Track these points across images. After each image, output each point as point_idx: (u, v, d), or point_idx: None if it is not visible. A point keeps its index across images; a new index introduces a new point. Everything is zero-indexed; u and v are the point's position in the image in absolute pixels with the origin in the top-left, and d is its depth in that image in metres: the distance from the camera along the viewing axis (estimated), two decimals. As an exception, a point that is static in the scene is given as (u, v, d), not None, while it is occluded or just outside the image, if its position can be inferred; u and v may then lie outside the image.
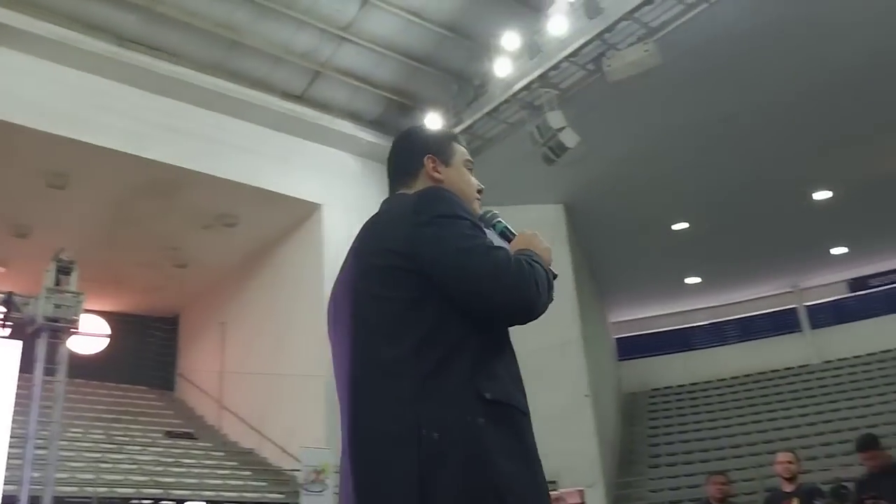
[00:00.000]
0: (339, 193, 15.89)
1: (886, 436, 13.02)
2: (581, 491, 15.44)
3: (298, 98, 15.59)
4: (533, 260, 1.91)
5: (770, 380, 22.08)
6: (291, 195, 15.53)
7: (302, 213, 16.03)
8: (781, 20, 12.62)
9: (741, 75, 13.92)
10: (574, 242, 18.15)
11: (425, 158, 2.07)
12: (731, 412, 20.85)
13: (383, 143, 16.26)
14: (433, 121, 15.50)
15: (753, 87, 14.24)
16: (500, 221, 2.27)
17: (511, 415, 1.78)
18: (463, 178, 2.11)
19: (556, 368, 16.38)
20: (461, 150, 2.18)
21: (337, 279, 1.99)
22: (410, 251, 1.73)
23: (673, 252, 20.13)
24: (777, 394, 21.12)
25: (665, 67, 12.73)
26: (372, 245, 1.81)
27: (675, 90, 14.11)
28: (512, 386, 1.85)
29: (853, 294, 23.03)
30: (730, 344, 24.16)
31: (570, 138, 13.39)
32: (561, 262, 18.23)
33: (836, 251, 21.10)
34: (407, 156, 2.13)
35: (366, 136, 16.13)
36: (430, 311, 1.71)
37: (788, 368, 22.12)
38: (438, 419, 1.61)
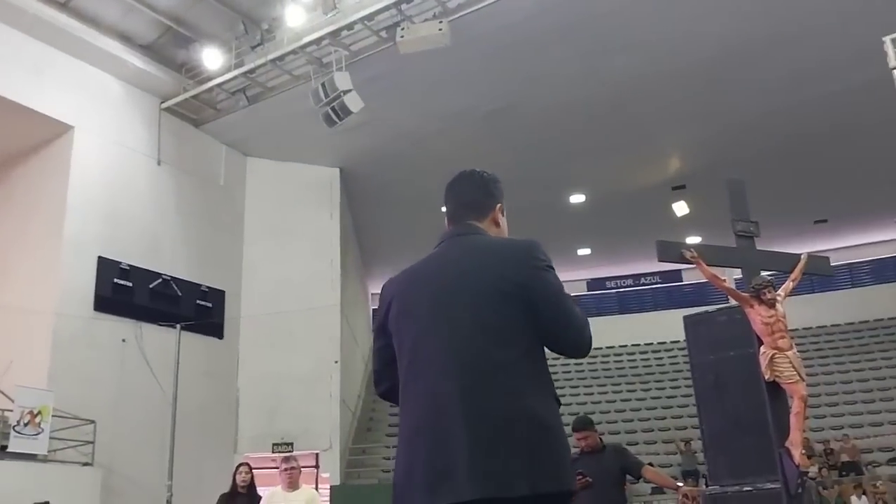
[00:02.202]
0: (96, 117, 14.47)
1: (601, 423, 14.34)
2: (316, 454, 15.48)
3: (62, 5, 13.90)
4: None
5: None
6: (40, 111, 13.78)
7: (50, 133, 14.31)
8: (568, 27, 13.31)
9: (523, 72, 14.53)
10: (345, 208, 18.04)
11: (497, 206, 2.53)
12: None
13: (152, 71, 15.06)
14: (211, 57, 14.62)
15: (532, 86, 14.93)
16: None
17: (559, 405, 2.29)
18: (506, 225, 2.58)
19: (310, 332, 16.24)
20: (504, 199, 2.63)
21: (427, 276, 2.37)
22: (528, 285, 2.23)
23: (439, 232, 20.49)
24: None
25: (454, 51, 12.96)
26: (495, 271, 2.26)
27: (460, 75, 14.42)
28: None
29: (590, 293, 25.16)
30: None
31: (354, 102, 13.23)
32: (330, 227, 18.17)
33: (581, 252, 22.85)
34: (484, 195, 2.53)
35: (134, 60, 14.81)
36: (530, 332, 2.22)
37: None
38: (538, 409, 2.16)
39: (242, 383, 15.99)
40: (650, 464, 8.56)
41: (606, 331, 21.59)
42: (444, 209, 2.52)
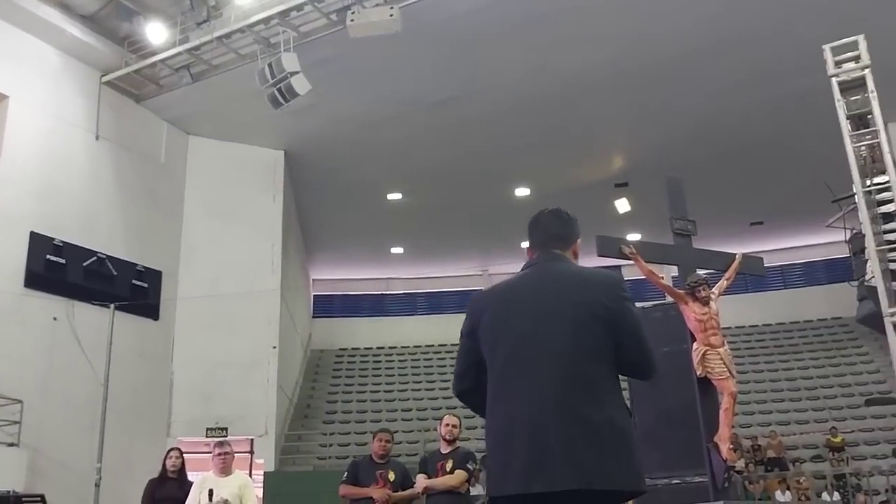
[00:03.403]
0: (32, 88, 13.96)
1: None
2: (251, 440, 15.29)
3: (-1, -32, 13.37)
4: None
5: (449, 352, 23.56)
6: (-30, 78, 13.29)
7: (-20, 102, 13.79)
8: (520, 21, 13.35)
9: (473, 63, 14.53)
10: (289, 192, 17.82)
11: (578, 240, 2.90)
12: (408, 378, 21.96)
13: (93, 43, 14.59)
14: (155, 32, 14.25)
15: (481, 78, 14.95)
16: None
17: (632, 418, 2.68)
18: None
19: (249, 316, 16.01)
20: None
21: (522, 294, 2.72)
22: (616, 311, 2.58)
23: (384, 220, 20.60)
24: (452, 365, 22.58)
25: (405, 38, 12.89)
26: (589, 296, 2.60)
27: (410, 63, 14.36)
28: None
29: (532, 285, 25.39)
30: (419, 315, 25.43)
31: (301, 84, 13.04)
32: (272, 210, 17.88)
33: (525, 244, 22.90)
34: (570, 231, 2.88)
35: (74, 30, 14.30)
36: (613, 352, 2.56)
37: (467, 344, 23.72)
38: (621, 419, 2.51)
39: (177, 366, 15.68)
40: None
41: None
42: (526, 243, 2.93)
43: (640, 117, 16.33)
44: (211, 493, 6.07)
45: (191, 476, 7.04)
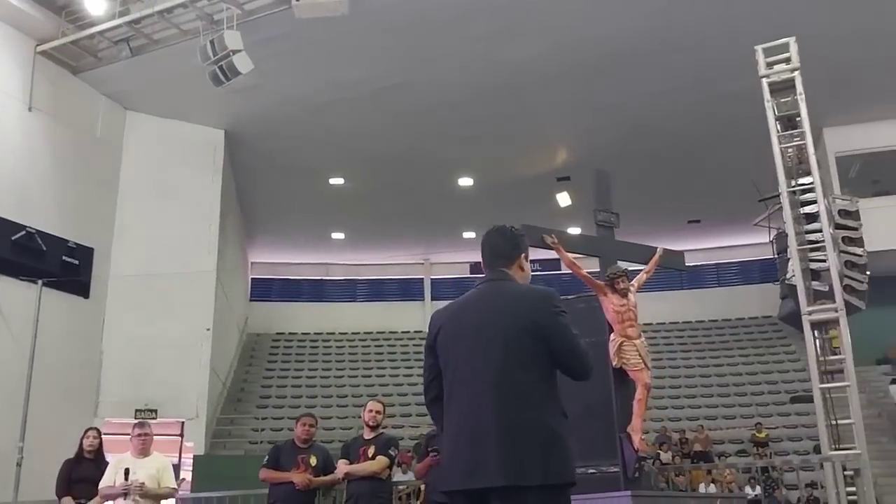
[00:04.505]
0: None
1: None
2: (182, 423, 15.08)
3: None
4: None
5: (388, 340, 23.59)
6: None
7: None
8: (468, 10, 13.33)
9: (420, 50, 14.49)
10: (229, 173, 17.55)
11: (521, 256, 3.14)
12: (345, 364, 21.90)
13: (28, 11, 14.09)
14: (95, 2, 13.86)
15: (428, 66, 14.92)
16: None
17: (566, 419, 2.91)
18: (529, 269, 3.20)
19: (183, 297, 15.75)
20: (528, 249, 3.27)
21: (468, 312, 3.03)
22: (545, 325, 2.88)
23: (325, 204, 20.44)
24: (391, 353, 22.65)
25: (352, 21, 12.78)
26: (521, 313, 2.91)
27: (357, 47, 14.22)
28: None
29: (473, 275, 25.52)
30: (360, 301, 25.35)
31: (243, 63, 12.81)
32: (211, 190, 17.54)
33: (467, 235, 23.10)
34: (512, 248, 3.14)
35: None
36: (546, 360, 2.86)
37: (405, 332, 23.79)
38: (551, 420, 2.81)
39: (107, 346, 15.33)
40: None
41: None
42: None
43: (585, 112, 16.50)
44: (127, 472, 5.97)
45: (110, 457, 6.91)
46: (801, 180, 8.39)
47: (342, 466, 6.21)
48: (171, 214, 16.01)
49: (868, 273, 8.67)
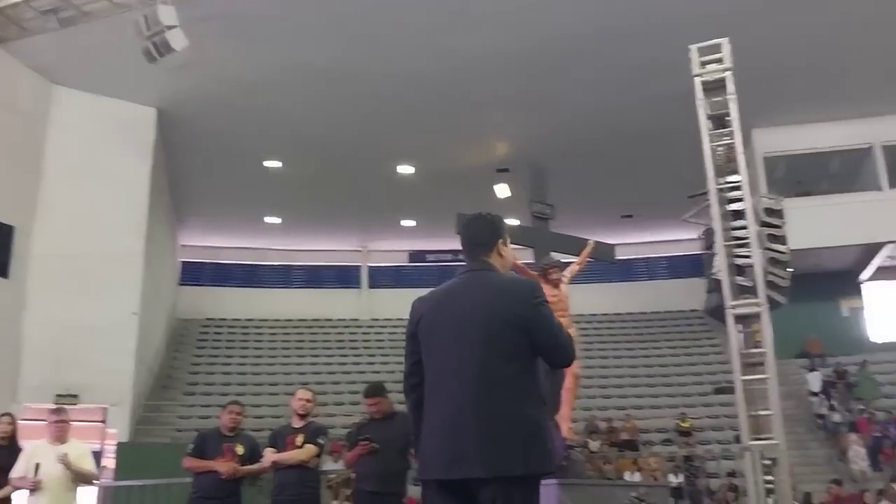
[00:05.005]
0: None
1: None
2: (104, 409, 14.67)
3: None
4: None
5: (322, 328, 23.39)
6: None
7: None
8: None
9: (364, 35, 14.27)
10: (159, 152, 17.04)
11: (499, 241, 3.15)
12: (278, 351, 21.66)
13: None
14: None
15: (371, 51, 14.73)
16: None
17: (547, 409, 3.08)
18: (510, 253, 3.23)
19: (108, 279, 15.26)
20: (507, 232, 3.27)
21: (450, 302, 3.05)
22: (527, 317, 2.91)
23: (260, 188, 20.08)
24: (325, 342, 22.49)
25: (295, 0, 12.54)
26: (503, 305, 2.93)
27: (299, 28, 13.95)
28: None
29: (411, 264, 25.51)
30: (295, 288, 25.05)
31: (178, 40, 12.41)
32: (140, 170, 17.04)
33: (405, 223, 23.05)
34: (491, 235, 3.16)
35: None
36: (527, 352, 2.91)
37: (341, 320, 23.64)
38: (531, 412, 2.87)
39: (27, 328, 14.74)
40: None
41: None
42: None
43: (526, 105, 16.59)
44: (37, 466, 5.84)
45: (24, 444, 6.67)
46: (730, 178, 8.62)
47: (269, 455, 6.12)
48: (98, 193, 15.47)
49: (790, 270, 8.96)
